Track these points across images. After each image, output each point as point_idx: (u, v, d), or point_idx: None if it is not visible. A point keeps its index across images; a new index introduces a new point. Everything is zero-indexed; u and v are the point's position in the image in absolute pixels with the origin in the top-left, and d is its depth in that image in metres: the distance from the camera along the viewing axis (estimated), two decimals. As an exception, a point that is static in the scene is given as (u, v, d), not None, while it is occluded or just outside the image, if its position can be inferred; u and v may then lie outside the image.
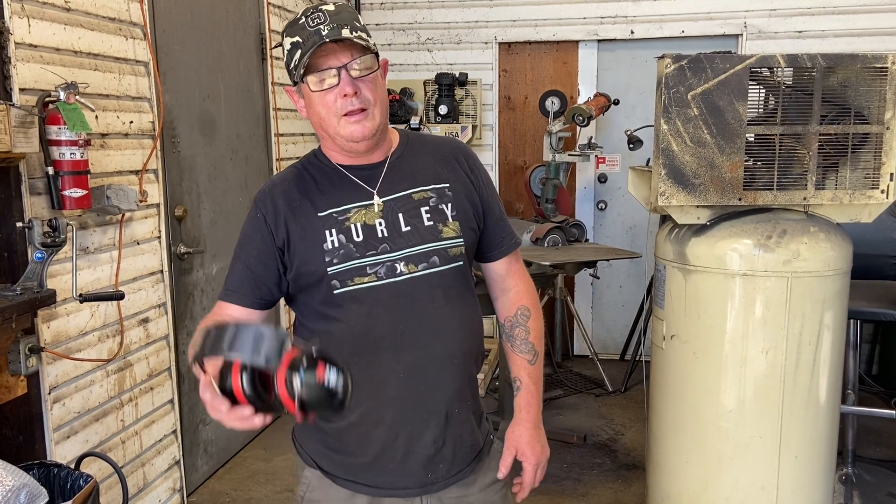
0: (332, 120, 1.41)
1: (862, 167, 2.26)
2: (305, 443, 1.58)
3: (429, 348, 1.45)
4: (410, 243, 1.44)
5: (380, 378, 1.44)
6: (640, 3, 4.68)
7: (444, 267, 1.46)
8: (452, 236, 1.47)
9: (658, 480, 2.56)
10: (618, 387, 4.46)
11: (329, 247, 1.42)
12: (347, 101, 1.38)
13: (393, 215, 1.46)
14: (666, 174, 2.27)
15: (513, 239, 1.63)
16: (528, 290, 1.65)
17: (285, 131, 4.09)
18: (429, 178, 1.50)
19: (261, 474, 3.46)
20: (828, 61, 2.19)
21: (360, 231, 1.44)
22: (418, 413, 1.46)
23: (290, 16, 4.14)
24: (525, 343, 1.61)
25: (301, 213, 1.45)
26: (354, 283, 1.42)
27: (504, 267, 1.63)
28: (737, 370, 2.30)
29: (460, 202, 1.50)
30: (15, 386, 2.16)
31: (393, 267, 1.43)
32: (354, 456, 1.50)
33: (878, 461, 3.41)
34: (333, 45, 1.36)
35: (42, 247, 2.14)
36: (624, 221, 5.02)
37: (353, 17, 1.40)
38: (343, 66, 1.37)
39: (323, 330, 1.46)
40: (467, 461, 1.55)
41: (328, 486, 1.53)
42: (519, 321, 1.62)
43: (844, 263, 2.32)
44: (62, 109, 2.17)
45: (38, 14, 2.26)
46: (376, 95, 1.41)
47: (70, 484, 2.01)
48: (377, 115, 1.42)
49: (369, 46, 1.39)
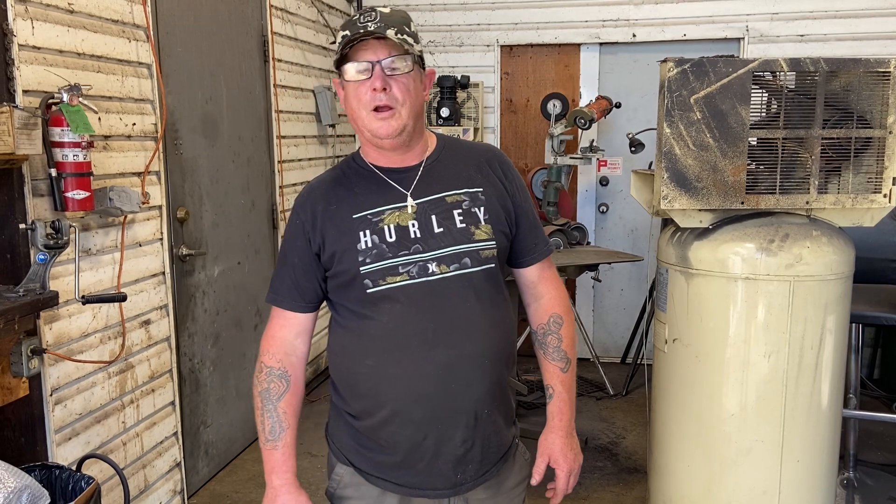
0: (361, 112, 1.45)
1: (864, 171, 2.25)
2: (339, 440, 1.60)
3: (459, 347, 1.46)
4: (443, 244, 1.47)
5: (410, 376, 1.46)
6: (641, 6, 4.68)
7: (475, 268, 1.48)
8: (484, 239, 1.50)
9: (659, 484, 2.56)
10: (619, 390, 4.46)
11: (362, 247, 1.46)
12: (376, 95, 1.42)
13: (426, 217, 1.48)
14: (668, 177, 2.27)
15: (545, 245, 1.65)
16: (561, 298, 1.66)
17: (287, 133, 4.09)
18: (462, 182, 1.53)
19: (261, 476, 3.43)
20: (830, 65, 2.19)
21: (394, 232, 1.47)
22: (448, 412, 1.47)
23: (292, 18, 4.15)
24: (558, 351, 1.63)
25: (337, 215, 1.50)
26: (387, 282, 1.45)
27: (536, 273, 1.64)
28: (739, 374, 2.30)
29: (493, 206, 1.53)
30: (17, 387, 2.16)
31: (425, 267, 1.46)
32: (385, 454, 1.51)
33: (879, 465, 3.40)
34: (374, 41, 1.41)
35: (45, 248, 2.14)
36: (625, 224, 5.02)
37: (404, 22, 1.45)
38: (378, 62, 1.42)
39: (356, 328, 1.50)
40: (493, 462, 1.57)
41: (360, 483, 1.55)
42: (552, 329, 1.63)
43: (847, 267, 2.32)
44: (65, 111, 2.18)
45: (41, 16, 2.27)
46: (407, 96, 1.44)
47: (72, 486, 2.01)
48: (405, 115, 1.44)
49: (409, 49, 1.43)
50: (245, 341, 3.72)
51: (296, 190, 4.24)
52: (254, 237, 3.79)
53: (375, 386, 1.48)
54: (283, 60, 4.04)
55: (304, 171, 4.36)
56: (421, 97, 1.49)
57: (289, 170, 4.14)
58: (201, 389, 3.32)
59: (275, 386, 1.54)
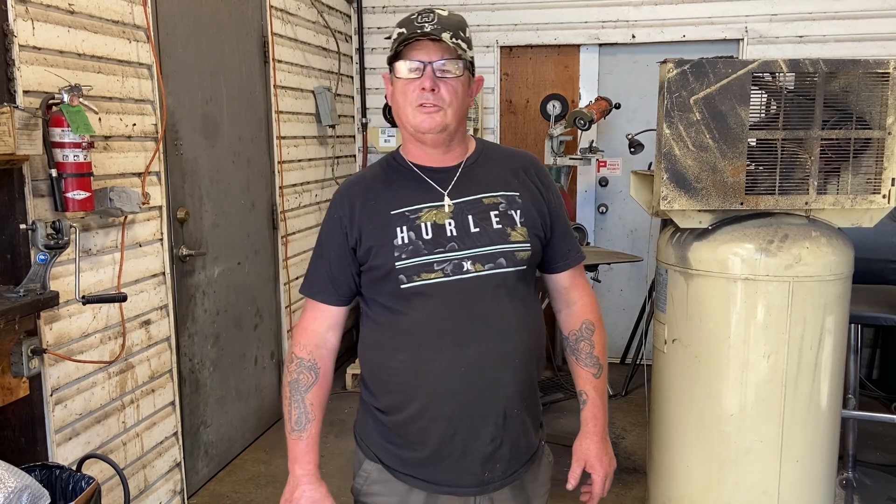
0: (406, 108, 1.48)
1: (863, 172, 2.26)
2: (367, 436, 1.61)
3: (491, 345, 1.48)
4: (478, 244, 1.49)
5: (442, 372, 1.47)
6: (641, 7, 4.69)
7: (510, 269, 1.50)
8: (520, 241, 1.51)
9: (659, 484, 2.56)
10: (618, 390, 4.46)
11: (399, 243, 1.48)
12: (424, 94, 1.44)
13: (463, 217, 1.51)
14: (668, 178, 2.28)
15: (578, 253, 1.67)
16: (592, 304, 1.68)
17: (287, 134, 4.10)
18: (500, 185, 1.55)
19: (261, 477, 3.46)
20: (830, 66, 2.20)
21: (430, 229, 1.49)
22: (477, 409, 1.49)
23: (292, 19, 4.15)
24: (590, 357, 1.64)
25: (375, 211, 1.52)
26: (421, 278, 1.47)
27: (568, 280, 1.66)
28: (738, 374, 2.31)
29: (529, 210, 1.55)
30: (17, 387, 2.16)
31: (460, 265, 1.47)
32: (413, 450, 1.53)
33: (878, 465, 3.41)
34: (428, 42, 1.44)
35: (45, 249, 2.14)
36: (625, 225, 5.03)
37: (460, 27, 1.48)
38: (430, 63, 1.44)
39: (388, 323, 1.52)
40: (521, 462, 1.58)
41: (388, 479, 1.57)
42: (584, 335, 1.65)
43: (846, 268, 2.32)
44: (66, 112, 2.18)
45: (42, 17, 2.27)
46: (454, 98, 1.47)
47: (72, 486, 2.01)
48: (450, 115, 1.47)
49: (462, 55, 1.46)
50: (245, 341, 3.72)
51: (296, 190, 4.25)
52: (254, 237, 3.80)
53: (406, 381, 1.50)
54: (283, 61, 4.05)
55: (304, 171, 4.36)
56: (467, 102, 1.51)
57: (289, 170, 4.14)
58: (201, 389, 3.32)
59: (304, 377, 1.56)
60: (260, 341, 3.88)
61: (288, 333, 4.17)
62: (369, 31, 5.06)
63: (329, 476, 1.62)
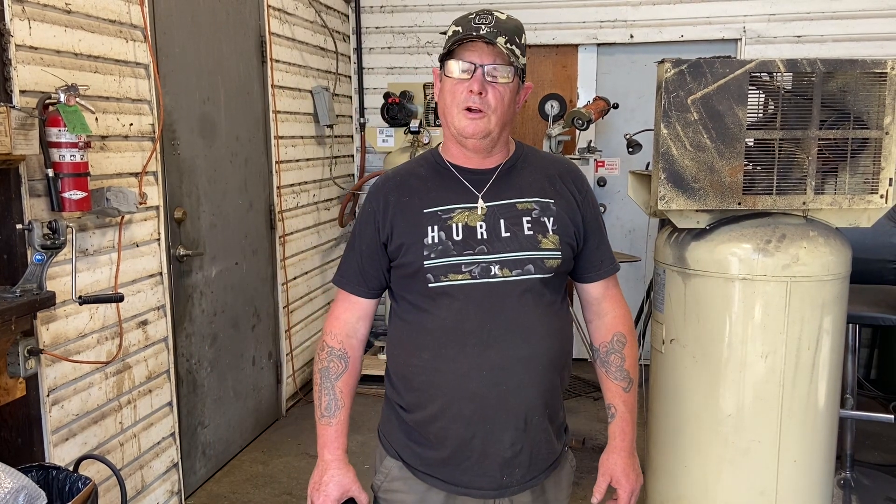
0: (452, 109, 1.47)
1: (861, 172, 2.26)
2: (390, 434, 1.62)
3: (515, 350, 1.48)
4: (508, 248, 1.49)
5: (464, 373, 1.47)
6: (639, 7, 4.69)
7: (538, 276, 1.50)
8: (551, 248, 1.51)
9: (657, 485, 2.56)
10: (616, 390, 4.45)
11: (429, 242, 1.48)
12: (471, 97, 1.44)
13: (495, 220, 1.50)
14: (666, 178, 2.27)
15: (612, 264, 1.66)
16: (625, 317, 1.67)
17: (285, 134, 4.09)
18: (535, 191, 1.55)
19: (259, 477, 3.46)
20: (827, 66, 2.20)
21: (461, 231, 1.49)
22: (498, 413, 1.49)
23: (289, 18, 4.15)
24: (620, 370, 1.63)
25: (408, 207, 1.52)
26: (449, 278, 1.47)
27: (601, 290, 1.65)
28: (736, 374, 2.31)
29: (562, 218, 1.54)
30: (14, 388, 2.16)
31: (488, 268, 1.47)
32: (433, 449, 1.53)
33: (876, 465, 3.41)
34: (482, 44, 1.44)
35: (41, 249, 2.14)
36: (623, 225, 5.03)
37: (516, 33, 1.47)
38: (481, 66, 1.44)
39: (415, 321, 1.52)
40: (542, 468, 1.58)
41: (408, 476, 1.57)
42: (615, 347, 1.64)
43: (843, 268, 2.32)
44: (62, 111, 2.17)
45: (38, 16, 2.27)
46: (499, 105, 1.46)
47: (69, 486, 2.01)
48: (493, 121, 1.47)
49: (514, 62, 1.45)
50: (243, 342, 3.71)
51: (293, 190, 4.24)
52: (251, 237, 3.79)
53: (429, 380, 1.50)
54: (281, 61, 4.04)
55: (302, 171, 4.36)
56: (513, 109, 1.51)
57: (286, 170, 4.14)
58: (199, 390, 3.32)
59: (334, 365, 1.58)
60: (258, 341, 3.88)
61: (286, 333, 4.17)
62: (367, 30, 5.06)
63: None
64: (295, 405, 4.33)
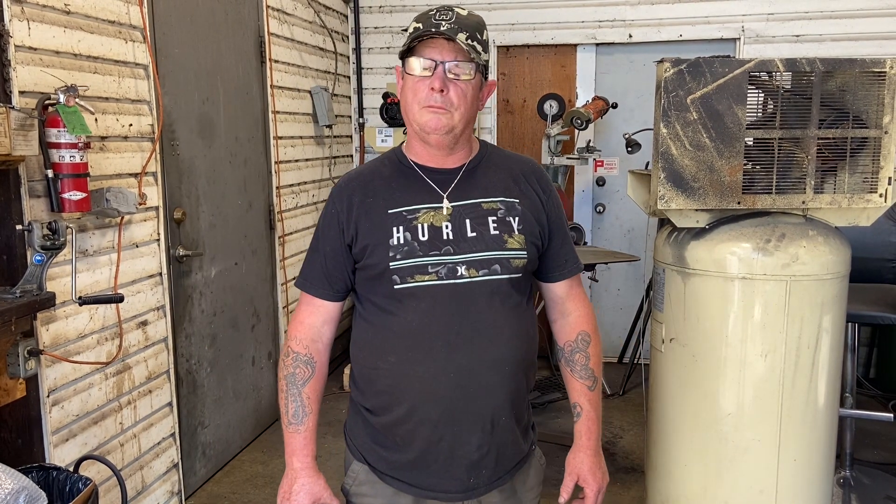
0: (413, 106, 1.46)
1: (860, 171, 2.26)
2: (355, 437, 1.61)
3: (482, 352, 1.47)
4: (474, 249, 1.48)
5: (431, 375, 1.46)
6: (638, 7, 4.69)
7: (504, 276, 1.49)
8: (516, 248, 1.50)
9: (657, 484, 2.56)
10: (616, 390, 4.46)
11: (394, 243, 1.47)
12: (433, 95, 1.43)
13: (460, 220, 1.49)
14: (665, 178, 2.28)
15: (575, 263, 1.65)
16: (589, 316, 1.66)
17: (284, 134, 4.09)
18: (500, 191, 1.54)
19: (259, 477, 3.46)
20: (826, 66, 2.20)
21: (426, 231, 1.48)
22: (465, 415, 1.48)
23: (288, 19, 4.15)
24: (585, 369, 1.62)
25: (373, 208, 1.51)
26: (415, 279, 1.46)
27: (565, 290, 1.64)
28: (736, 374, 2.31)
29: (528, 218, 1.53)
30: (14, 389, 2.16)
31: (454, 269, 1.46)
32: (400, 452, 1.52)
33: (876, 464, 3.41)
34: (443, 41, 1.42)
35: (41, 249, 2.14)
36: (622, 224, 5.03)
37: (477, 29, 1.46)
38: (442, 63, 1.43)
39: (380, 323, 1.50)
40: (508, 468, 1.57)
41: (375, 481, 1.56)
42: (579, 346, 1.63)
43: (843, 267, 2.32)
44: (62, 112, 2.17)
45: (38, 17, 2.26)
46: (462, 102, 1.45)
47: (69, 487, 2.01)
48: (456, 118, 1.46)
49: (475, 58, 1.44)
50: (242, 342, 3.71)
51: (293, 190, 4.24)
52: (251, 238, 3.79)
53: (395, 383, 1.49)
54: (280, 61, 4.04)
55: (301, 171, 4.36)
56: (476, 106, 1.50)
57: (286, 170, 4.14)
58: (198, 390, 3.32)
59: (300, 371, 1.56)
60: (257, 342, 3.88)
61: (285, 334, 4.17)
62: (366, 30, 5.06)
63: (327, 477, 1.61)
64: (295, 405, 4.33)
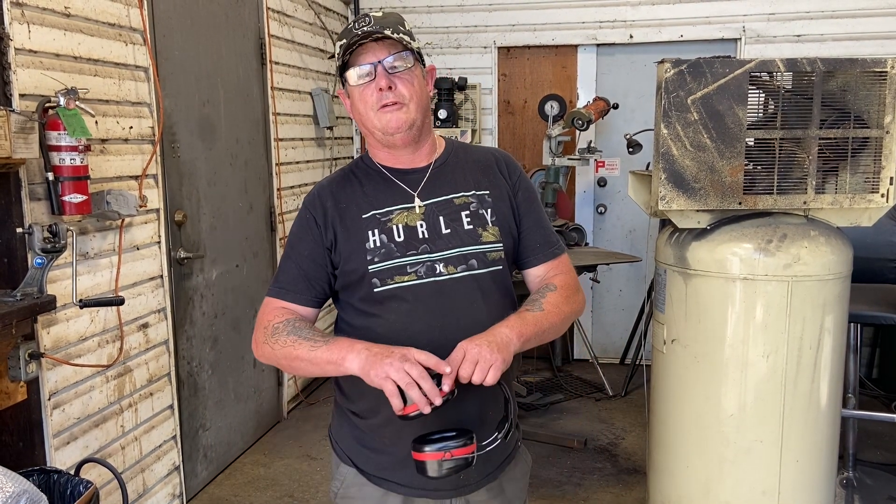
0: (369, 113, 1.46)
1: (862, 171, 2.26)
2: (342, 440, 1.60)
3: None
4: (450, 245, 1.48)
5: None
6: (638, 7, 4.69)
7: (482, 270, 1.49)
8: (492, 241, 1.50)
9: (659, 485, 2.56)
10: (618, 391, 4.45)
11: (371, 246, 1.47)
12: (383, 94, 1.43)
13: (434, 218, 1.50)
14: (666, 178, 2.27)
15: (552, 246, 1.58)
16: (566, 281, 1.54)
17: (285, 136, 4.09)
18: (470, 185, 1.54)
19: (260, 480, 3.45)
20: (827, 66, 2.20)
21: (402, 232, 1.48)
22: (451, 413, 1.45)
23: (289, 20, 4.15)
24: (534, 302, 1.49)
25: (347, 214, 1.51)
26: (395, 281, 1.46)
27: (543, 271, 1.58)
28: (737, 374, 2.30)
29: (500, 208, 1.53)
30: (15, 392, 2.15)
31: (433, 267, 1.46)
32: (387, 453, 1.52)
33: (878, 465, 3.41)
34: (372, 44, 1.43)
35: (42, 252, 2.14)
36: (623, 225, 5.02)
37: (398, 22, 1.47)
38: (379, 62, 1.43)
39: (363, 326, 1.50)
40: (496, 465, 1.57)
41: (363, 483, 1.56)
42: (540, 293, 1.52)
43: (845, 267, 2.32)
44: (62, 115, 2.17)
45: (38, 20, 2.26)
46: (412, 91, 1.45)
47: (70, 490, 2.00)
48: (413, 109, 1.46)
49: (408, 45, 1.44)
50: (243, 344, 3.71)
51: (294, 192, 4.24)
52: (252, 240, 3.79)
53: None
54: (281, 63, 4.04)
55: (302, 173, 4.36)
56: (426, 92, 1.50)
57: (287, 172, 4.13)
58: (200, 393, 3.32)
59: (290, 321, 1.46)
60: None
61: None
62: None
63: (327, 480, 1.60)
64: (296, 407, 4.33)
